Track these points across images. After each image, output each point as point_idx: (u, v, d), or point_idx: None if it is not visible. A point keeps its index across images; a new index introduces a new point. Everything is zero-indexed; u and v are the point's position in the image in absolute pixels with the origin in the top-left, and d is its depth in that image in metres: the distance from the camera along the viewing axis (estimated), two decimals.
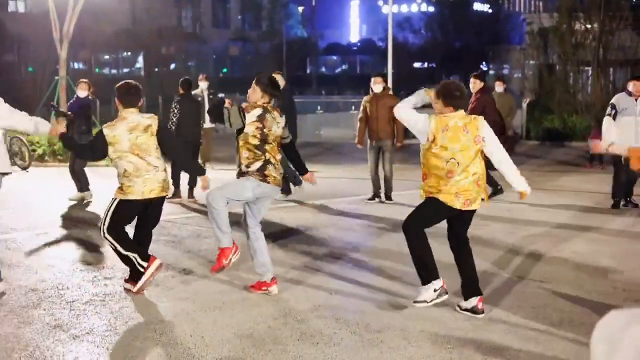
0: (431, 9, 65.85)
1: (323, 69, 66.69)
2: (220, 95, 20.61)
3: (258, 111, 6.44)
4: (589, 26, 27.03)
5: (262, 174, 6.43)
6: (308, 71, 62.05)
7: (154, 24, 40.60)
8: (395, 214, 10.13)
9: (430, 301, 6.18)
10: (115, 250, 6.56)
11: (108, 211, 6.55)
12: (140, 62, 47.57)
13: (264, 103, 6.54)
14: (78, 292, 6.72)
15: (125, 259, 6.55)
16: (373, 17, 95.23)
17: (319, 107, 24.99)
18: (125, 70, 48.44)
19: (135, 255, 6.49)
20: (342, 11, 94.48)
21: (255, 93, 6.57)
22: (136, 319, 5.98)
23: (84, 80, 12.55)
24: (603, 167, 15.41)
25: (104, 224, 6.53)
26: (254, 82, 6.63)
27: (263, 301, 6.44)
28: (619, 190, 11.15)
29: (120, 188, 6.54)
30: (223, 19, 59.99)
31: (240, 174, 6.53)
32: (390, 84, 17.39)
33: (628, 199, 11.24)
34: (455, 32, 57.39)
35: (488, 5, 63.85)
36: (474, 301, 6.14)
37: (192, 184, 11.80)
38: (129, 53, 47.44)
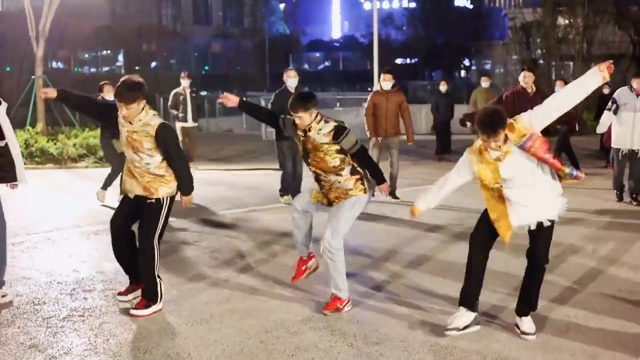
0: (413, 5, 65.75)
1: (306, 66, 66.25)
2: (203, 93, 20.28)
3: None
4: (572, 21, 26.92)
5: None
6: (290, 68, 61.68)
7: (134, 21, 40.06)
8: (395, 212, 9.82)
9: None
10: (152, 267, 6.05)
11: (163, 214, 6.08)
12: (120, 60, 46.96)
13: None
14: (55, 308, 6.29)
15: (154, 280, 6.09)
16: (355, 14, 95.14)
17: None
18: (105, 68, 47.77)
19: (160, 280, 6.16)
20: (324, 7, 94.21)
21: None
22: (118, 336, 5.58)
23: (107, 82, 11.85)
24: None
25: (155, 233, 6.06)
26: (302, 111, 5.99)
27: (252, 313, 6.07)
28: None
29: (166, 183, 6.09)
30: (204, 15, 59.45)
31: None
32: (375, 81, 17.16)
33: (635, 195, 11.12)
34: (437, 28, 57.24)
35: (469, 1, 63.76)
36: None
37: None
38: (109, 51, 46.80)
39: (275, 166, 16.03)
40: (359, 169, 6.11)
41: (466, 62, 58.65)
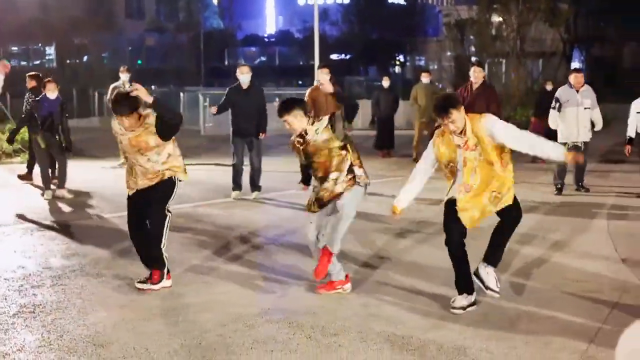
0: (347, 0, 65.97)
1: (242, 61, 65.88)
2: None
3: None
4: (506, 18, 27.38)
5: None
6: (226, 63, 61.20)
7: (65, 14, 39.15)
8: None
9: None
10: (161, 243, 6.45)
11: (174, 191, 6.52)
12: (51, 54, 45.89)
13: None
14: (4, 304, 6.13)
15: (162, 256, 6.47)
16: (289, 9, 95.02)
17: None
18: (36, 62, 46.61)
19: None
20: (258, 2, 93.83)
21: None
22: (72, 332, 5.46)
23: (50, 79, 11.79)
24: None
25: (165, 210, 6.49)
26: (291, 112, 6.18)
27: (208, 307, 6.02)
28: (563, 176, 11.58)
29: (176, 169, 6.45)
30: (137, 9, 58.58)
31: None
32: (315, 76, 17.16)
33: (580, 183, 11.70)
34: (372, 24, 57.55)
35: None
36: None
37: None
38: (40, 44, 45.68)
39: (216, 161, 15.97)
40: (353, 167, 6.17)
41: (401, 58, 59.17)
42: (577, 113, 11.21)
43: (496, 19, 28.59)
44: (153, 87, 34.92)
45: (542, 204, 10.60)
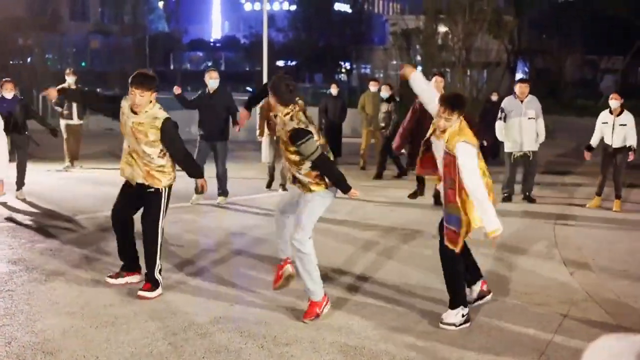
0: (293, 7, 66.06)
1: (187, 65, 65.40)
2: (86, 89, 19.63)
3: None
4: (453, 28, 27.72)
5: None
6: (172, 67, 60.70)
7: (8, 14, 38.33)
8: None
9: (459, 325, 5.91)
10: (156, 253, 6.45)
11: (164, 203, 6.44)
12: None
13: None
14: None
15: (154, 261, 6.44)
16: (235, 14, 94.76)
17: None
18: None
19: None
20: (204, 7, 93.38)
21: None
22: (20, 339, 5.34)
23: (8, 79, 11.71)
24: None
25: (159, 222, 6.43)
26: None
27: (158, 314, 5.96)
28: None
29: (166, 172, 6.43)
30: (82, 11, 57.79)
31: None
32: (265, 81, 17.13)
33: (527, 193, 11.86)
34: (318, 31, 57.72)
35: (348, 6, 64.71)
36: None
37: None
38: None
39: None
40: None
41: (347, 66, 59.45)
42: (520, 123, 11.44)
43: (442, 29, 28.93)
44: (98, 89, 34.41)
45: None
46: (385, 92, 14.68)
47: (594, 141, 11.41)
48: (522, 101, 11.51)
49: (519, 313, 6.26)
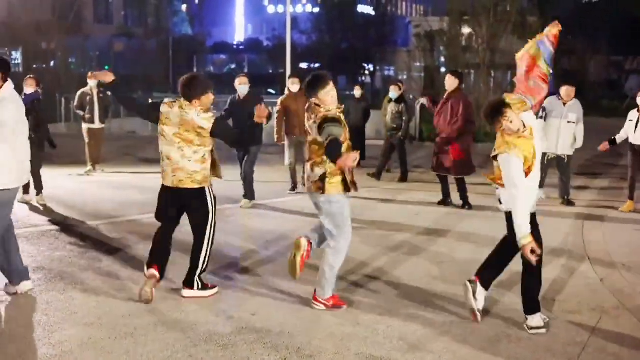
0: (316, 10, 66.02)
1: (211, 68, 65.55)
2: (109, 93, 19.67)
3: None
4: (477, 29, 27.46)
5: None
6: (195, 69, 60.87)
7: (31, 18, 38.56)
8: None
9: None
10: (207, 253, 6.52)
11: (210, 202, 6.46)
12: (17, 58, 45.14)
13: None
14: None
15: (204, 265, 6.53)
16: (258, 17, 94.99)
17: (211, 107, 24.04)
18: None
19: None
20: (228, 10, 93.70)
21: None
22: (34, 351, 5.21)
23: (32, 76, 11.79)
24: None
25: (210, 222, 6.46)
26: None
27: (178, 325, 5.79)
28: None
29: (204, 173, 6.41)
30: (105, 14, 58.08)
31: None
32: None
33: (566, 197, 11.68)
34: (341, 33, 57.56)
35: (372, 8, 64.51)
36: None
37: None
38: (6, 49, 44.91)
39: None
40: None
41: (370, 68, 59.26)
42: (559, 125, 11.26)
43: (466, 30, 28.66)
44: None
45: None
46: (394, 92, 14.55)
47: (619, 137, 11.17)
48: (565, 104, 11.32)
49: (550, 321, 6.03)
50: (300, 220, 10.00)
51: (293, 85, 12.54)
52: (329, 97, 5.99)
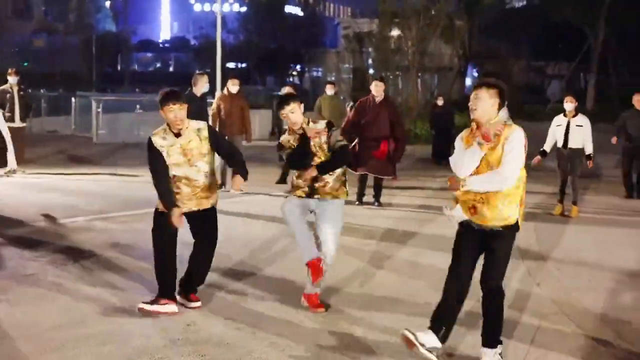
0: (243, 9, 65.65)
1: (136, 66, 64.32)
2: (29, 90, 18.96)
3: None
4: (407, 32, 27.67)
5: None
6: (119, 68, 59.63)
7: None
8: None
9: None
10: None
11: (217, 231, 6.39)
12: None
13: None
14: None
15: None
16: (184, 15, 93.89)
17: (137, 106, 23.54)
18: None
19: None
20: (153, 7, 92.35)
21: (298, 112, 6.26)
22: None
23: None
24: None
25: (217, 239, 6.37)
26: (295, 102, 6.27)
27: (111, 338, 5.45)
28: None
29: (213, 191, 6.30)
30: (24, 8, 56.44)
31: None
32: (218, 84, 16.67)
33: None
34: (269, 33, 57.36)
35: (300, 9, 64.55)
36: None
37: None
38: None
39: (111, 171, 15.26)
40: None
41: (298, 69, 59.24)
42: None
43: (396, 32, 28.84)
44: (42, 90, 33.42)
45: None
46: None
47: (547, 146, 11.33)
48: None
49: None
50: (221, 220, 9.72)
51: (233, 86, 12.59)
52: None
